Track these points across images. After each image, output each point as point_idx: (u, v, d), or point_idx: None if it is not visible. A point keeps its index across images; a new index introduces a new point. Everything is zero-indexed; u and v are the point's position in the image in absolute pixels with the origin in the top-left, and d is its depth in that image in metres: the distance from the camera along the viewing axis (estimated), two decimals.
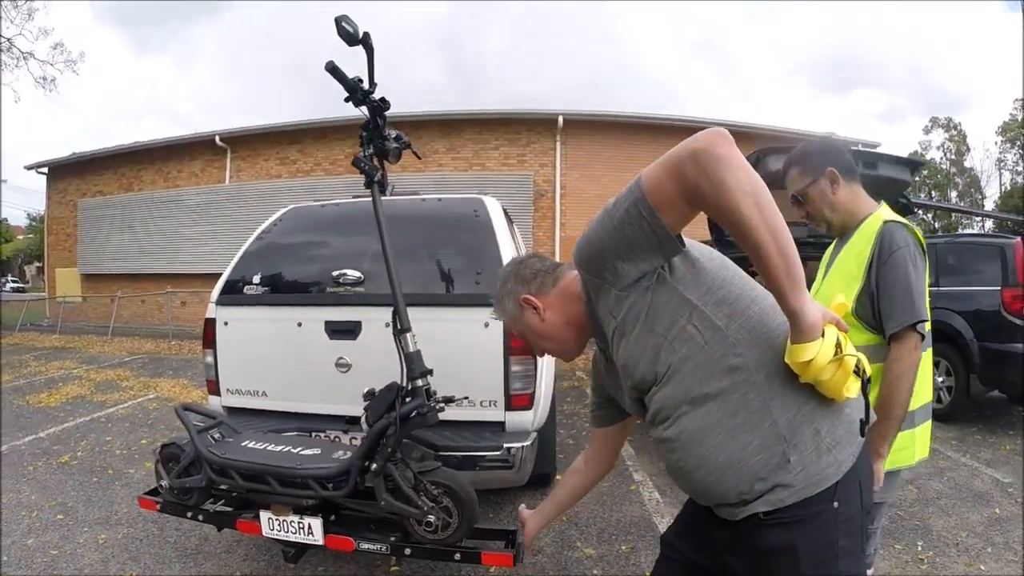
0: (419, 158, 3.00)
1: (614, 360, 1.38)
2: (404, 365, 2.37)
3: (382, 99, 2.44)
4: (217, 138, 17.15)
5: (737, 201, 1.07)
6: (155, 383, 9.24)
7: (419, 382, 2.33)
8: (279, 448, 2.58)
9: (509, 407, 3.01)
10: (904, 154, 4.96)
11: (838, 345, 1.14)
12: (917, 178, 40.34)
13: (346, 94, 2.38)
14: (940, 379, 6.18)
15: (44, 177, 20.84)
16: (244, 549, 3.63)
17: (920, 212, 36.37)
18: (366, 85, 2.38)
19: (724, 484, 1.24)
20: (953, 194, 41.71)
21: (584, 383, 8.72)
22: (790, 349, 1.16)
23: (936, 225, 35.97)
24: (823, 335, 1.13)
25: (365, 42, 2.29)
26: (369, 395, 2.44)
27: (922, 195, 40.48)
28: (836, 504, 1.21)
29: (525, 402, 3.02)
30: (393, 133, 2.55)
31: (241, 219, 16.49)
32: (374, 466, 2.32)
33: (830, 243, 2.17)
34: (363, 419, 2.40)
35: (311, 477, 2.36)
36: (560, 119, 14.84)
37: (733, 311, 1.24)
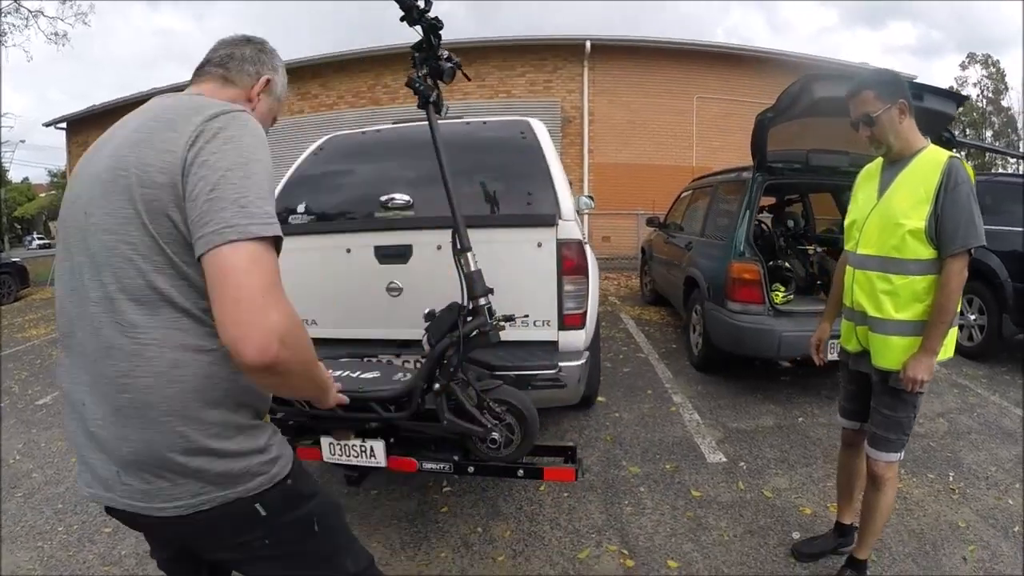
0: (468, 79, 2.92)
1: None
2: (465, 284, 2.33)
3: (436, 18, 2.36)
4: None
5: None
6: None
7: (481, 301, 2.30)
8: (338, 373, 2.57)
9: (562, 326, 2.99)
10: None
11: None
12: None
13: (401, 13, 2.31)
14: (972, 317, 5.87)
15: (63, 132, 20.70)
16: None
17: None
18: (421, 3, 2.31)
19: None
20: (988, 133, 39.81)
21: (618, 307, 8.77)
22: None
23: (970, 164, 34.64)
24: None
25: None
26: (429, 316, 2.43)
27: (956, 132, 38.92)
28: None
29: (577, 321, 2.99)
30: (445, 53, 2.48)
31: None
32: (436, 386, 2.32)
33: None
34: (424, 340, 2.39)
35: (374, 400, 2.35)
36: (587, 44, 14.34)
37: None
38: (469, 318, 2.31)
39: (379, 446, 2.46)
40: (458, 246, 2.35)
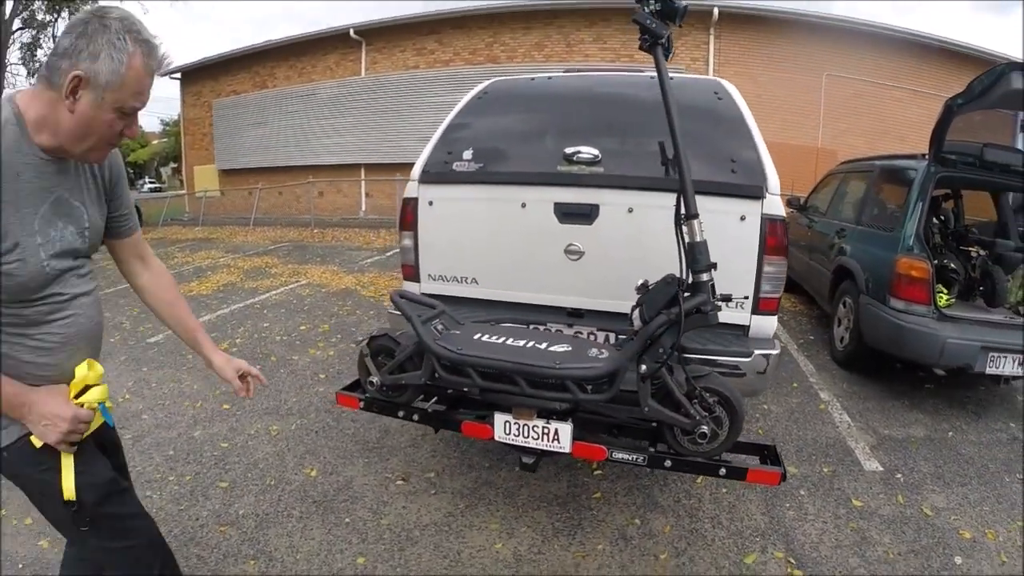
0: (680, 26, 2.62)
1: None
2: (687, 256, 2.06)
3: None
4: (352, 31, 16.99)
5: None
6: (304, 270, 9.43)
7: (704, 276, 2.02)
8: (523, 344, 2.28)
9: (756, 310, 2.71)
10: None
11: None
12: None
13: None
14: None
15: (177, 83, 21.59)
16: (431, 444, 3.53)
17: None
18: None
19: None
20: None
21: None
22: None
23: None
24: None
25: None
26: (642, 288, 2.16)
27: None
28: None
29: (773, 307, 2.71)
30: None
31: (378, 110, 16.65)
32: (643, 368, 2.06)
33: None
34: (635, 314, 2.13)
35: (571, 378, 2.08)
36: (715, 11, 13.66)
37: None
38: (686, 294, 2.05)
39: (565, 430, 2.21)
40: (683, 212, 2.08)
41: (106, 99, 1.32)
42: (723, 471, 2.19)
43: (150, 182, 50.49)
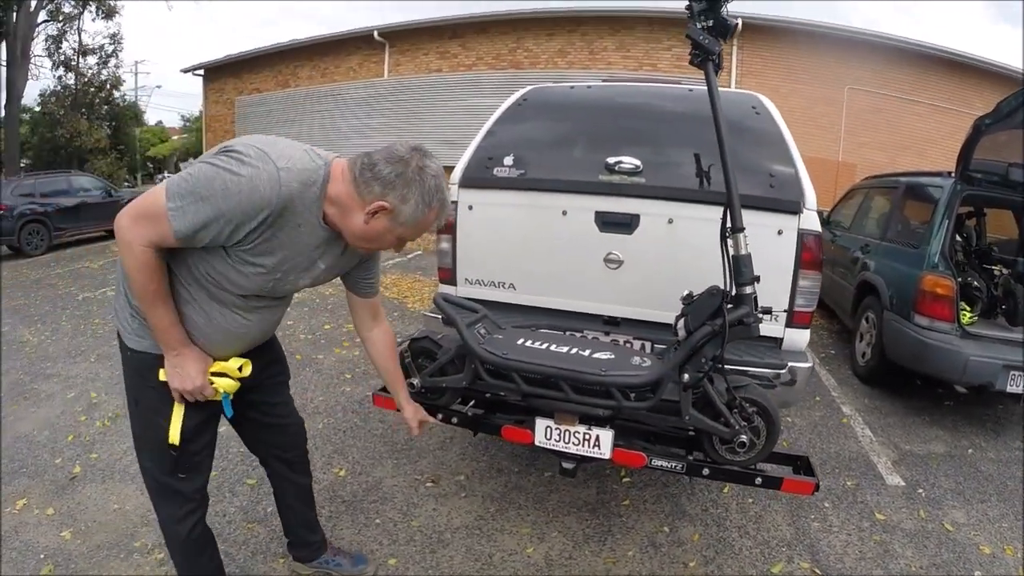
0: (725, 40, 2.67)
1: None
2: (731, 268, 2.10)
3: None
4: (375, 33, 17.01)
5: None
6: None
7: (747, 289, 2.06)
8: (566, 350, 2.28)
9: (790, 323, 2.74)
10: None
11: None
12: None
13: None
14: None
15: (200, 80, 21.70)
16: (459, 447, 3.55)
17: None
18: None
19: None
20: None
21: None
22: None
23: None
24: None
25: None
26: (688, 299, 2.19)
27: None
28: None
29: (806, 320, 2.74)
30: (726, 7, 2.23)
31: (401, 112, 16.69)
32: (686, 377, 2.09)
33: None
34: (680, 324, 2.17)
35: (617, 385, 2.10)
36: (739, 22, 13.60)
37: None
38: (730, 305, 2.09)
39: (607, 436, 2.24)
40: (729, 225, 2.13)
41: (396, 230, 1.61)
42: (759, 480, 2.22)
43: (169, 176, 50.78)
